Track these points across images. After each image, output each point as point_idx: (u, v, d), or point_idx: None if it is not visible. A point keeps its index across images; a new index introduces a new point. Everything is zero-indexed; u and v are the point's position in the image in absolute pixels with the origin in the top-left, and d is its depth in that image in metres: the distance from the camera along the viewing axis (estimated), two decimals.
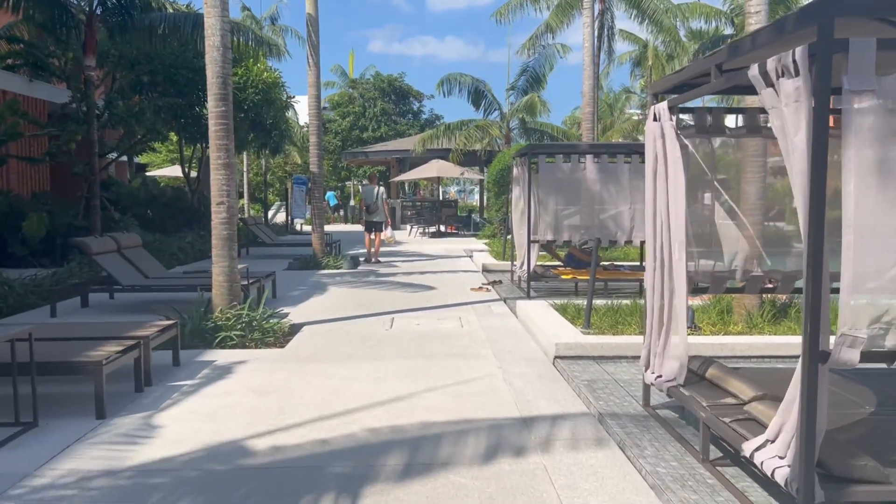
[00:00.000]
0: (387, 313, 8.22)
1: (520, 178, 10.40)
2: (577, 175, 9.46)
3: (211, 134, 6.85)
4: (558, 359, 5.84)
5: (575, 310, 7.40)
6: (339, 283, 11.07)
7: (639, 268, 10.79)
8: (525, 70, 23.90)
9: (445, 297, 9.63)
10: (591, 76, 13.68)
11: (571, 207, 9.50)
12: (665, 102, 4.26)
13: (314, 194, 13.74)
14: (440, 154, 26.31)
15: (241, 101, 16.58)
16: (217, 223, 6.93)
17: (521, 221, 10.22)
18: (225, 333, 6.45)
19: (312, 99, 13.50)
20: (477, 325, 7.49)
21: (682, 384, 4.09)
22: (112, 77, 16.24)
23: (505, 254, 13.44)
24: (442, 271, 12.92)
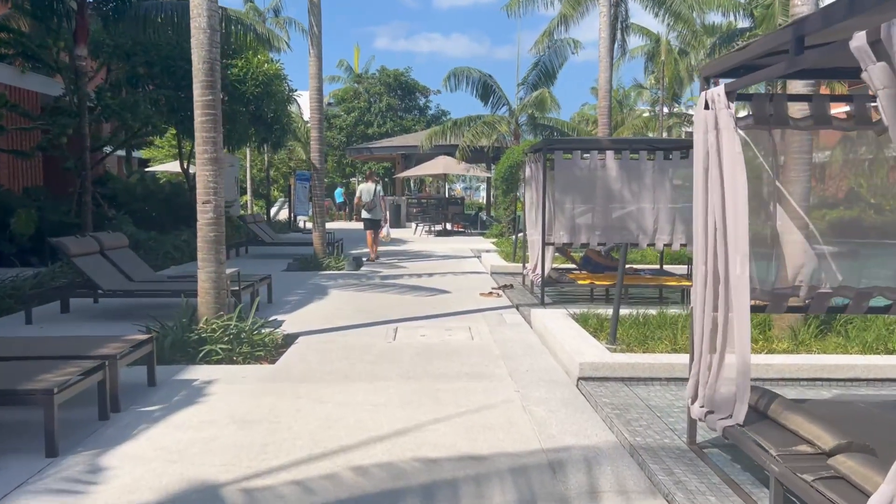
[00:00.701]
0: (389, 322, 7.56)
1: (533, 175, 9.72)
2: (596, 172, 8.77)
3: (197, 125, 6.20)
4: (583, 380, 5.17)
5: (597, 321, 6.72)
6: (340, 286, 10.41)
7: (660, 272, 10.10)
8: (537, 64, 23.15)
9: (453, 302, 8.97)
10: (606, 68, 12.98)
11: (590, 207, 8.82)
12: (721, 87, 3.57)
13: (315, 191, 13.09)
14: (446, 150, 25.63)
15: (241, 94, 15.96)
16: (203, 224, 6.27)
17: (535, 222, 9.54)
18: (210, 347, 5.79)
19: (313, 91, 12.84)
20: (489, 336, 6.82)
21: (742, 423, 3.42)
22: (107, 69, 15.61)
23: (515, 255, 12.76)
24: (449, 273, 12.25)
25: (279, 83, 16.93)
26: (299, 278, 11.33)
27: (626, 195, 8.79)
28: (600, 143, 9.49)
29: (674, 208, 8.80)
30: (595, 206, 8.85)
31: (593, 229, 8.83)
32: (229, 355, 5.82)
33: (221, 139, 6.26)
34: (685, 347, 5.76)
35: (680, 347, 5.74)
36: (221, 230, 6.33)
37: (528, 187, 10.39)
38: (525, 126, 24.03)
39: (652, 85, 37.94)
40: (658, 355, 5.46)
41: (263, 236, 14.91)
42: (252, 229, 14.97)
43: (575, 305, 8.56)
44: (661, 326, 6.43)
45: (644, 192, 8.78)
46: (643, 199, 8.79)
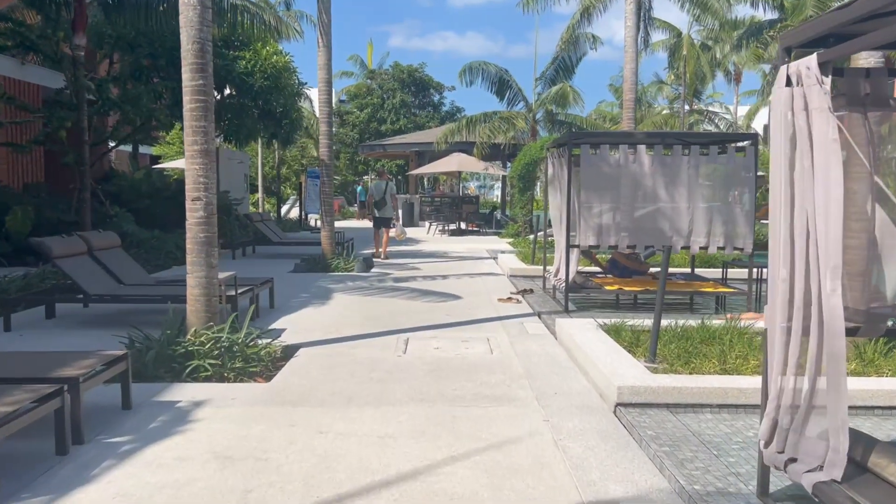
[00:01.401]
0: (400, 331, 6.89)
1: (556, 171, 9.02)
2: (626, 168, 8.05)
3: (186, 114, 5.56)
4: (621, 407, 4.47)
5: (632, 334, 6.01)
6: (349, 290, 9.76)
7: (692, 277, 9.37)
8: (555, 59, 22.42)
9: (469, 309, 8.29)
10: (632, 59, 12.23)
11: (618, 206, 8.10)
12: (813, 58, 2.87)
13: (324, 188, 12.45)
14: (461, 148, 24.95)
15: (249, 87, 15.36)
16: (192, 223, 5.63)
17: (559, 222, 8.84)
18: (197, 362, 5.15)
19: (322, 83, 12.19)
20: (510, 350, 6.13)
21: (840, 480, 2.72)
22: (109, 60, 15.07)
23: (534, 257, 12.06)
24: (464, 275, 11.58)
25: (289, 76, 16.33)
26: (306, 280, 10.70)
27: (659, 193, 8.08)
28: (631, 136, 8.77)
29: (710, 208, 8.07)
30: (624, 206, 8.14)
31: (622, 231, 8.12)
32: (219, 371, 5.18)
33: (213, 129, 5.62)
34: (737, 367, 5.05)
35: (731, 367, 5.04)
36: (213, 230, 5.68)
37: (550, 185, 9.69)
38: (542, 122, 23.31)
39: (672, 81, 37.03)
40: (707, 377, 4.75)
41: (271, 235, 14.30)
42: (259, 228, 14.37)
43: (601, 313, 7.87)
44: (705, 341, 5.73)
45: (678, 190, 8.05)
46: (677, 197, 8.07)
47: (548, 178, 9.77)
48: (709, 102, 41.00)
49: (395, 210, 14.23)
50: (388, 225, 14.17)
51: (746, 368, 5.03)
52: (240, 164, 21.82)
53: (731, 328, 6.09)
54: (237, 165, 21.70)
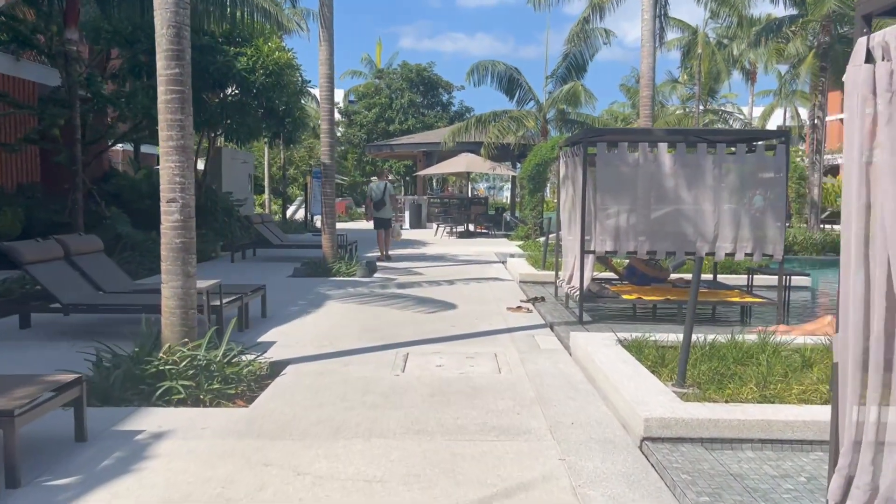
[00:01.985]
0: (400, 345, 6.32)
1: (570, 171, 8.43)
2: (646, 168, 7.45)
3: (160, 105, 5.01)
4: (649, 441, 3.88)
5: (656, 352, 5.40)
6: (348, 297, 9.20)
7: (715, 285, 8.75)
8: (566, 56, 21.79)
9: (476, 319, 7.70)
10: (649, 53, 11.61)
11: (638, 209, 7.50)
12: None
13: (325, 188, 11.90)
14: (470, 148, 24.37)
15: (250, 84, 14.82)
16: (167, 228, 5.08)
17: (572, 226, 8.24)
18: (169, 384, 4.59)
19: (324, 79, 11.65)
20: (520, 368, 5.54)
21: None
22: (105, 56, 14.59)
23: (545, 262, 11.45)
24: (472, 281, 10.99)
25: (291, 73, 15.77)
26: (304, 286, 10.14)
27: (681, 195, 7.47)
28: (651, 133, 8.15)
29: (737, 210, 7.46)
30: (644, 208, 7.53)
31: (642, 235, 7.51)
32: (194, 394, 4.62)
33: (190, 123, 5.06)
34: (779, 393, 4.44)
35: (772, 393, 4.42)
36: (191, 236, 5.12)
37: (562, 186, 9.09)
38: (553, 122, 22.69)
39: (686, 81, 36.29)
40: (747, 407, 4.14)
41: (271, 238, 13.76)
42: (259, 230, 13.83)
43: (618, 325, 7.28)
44: (739, 360, 5.12)
45: (702, 192, 7.44)
46: (701, 199, 7.45)
47: (560, 179, 9.18)
48: (722, 103, 40.24)
49: (395, 211, 14.13)
50: (387, 226, 13.99)
51: (789, 395, 4.42)
52: (243, 164, 21.36)
53: (765, 345, 5.48)
54: (241, 166, 21.24)
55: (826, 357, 5.20)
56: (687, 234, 7.51)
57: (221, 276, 11.50)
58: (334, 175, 12.06)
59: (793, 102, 39.83)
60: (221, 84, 14.82)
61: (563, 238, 9.15)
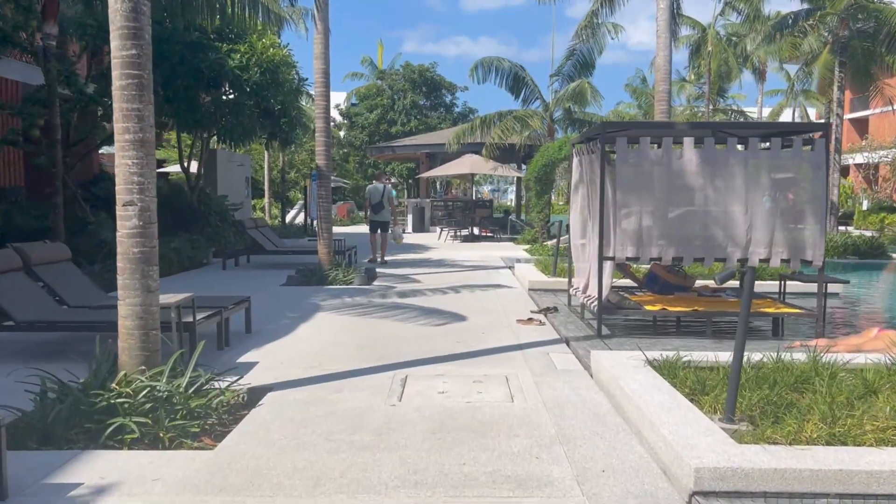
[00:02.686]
0: (398, 366, 5.59)
1: (584, 170, 7.69)
2: (671, 166, 6.71)
3: (115, 93, 4.29)
4: (700, 497, 3.14)
5: (694, 375, 4.66)
6: (344, 308, 8.47)
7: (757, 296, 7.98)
8: (572, 53, 21.04)
9: (483, 333, 6.98)
10: (665, 45, 10.87)
11: (662, 211, 6.77)
12: None
13: (321, 191, 11.19)
14: (474, 150, 23.65)
15: (244, 82, 14.13)
16: (124, 234, 4.36)
17: (588, 230, 7.51)
18: (121, 420, 3.87)
19: (319, 74, 10.95)
20: (535, 395, 4.80)
21: None
22: (90, 53, 13.92)
23: (556, 268, 10.72)
24: (477, 288, 10.26)
25: (287, 71, 15.08)
26: (297, 296, 9.42)
27: (710, 196, 6.73)
28: (676, 127, 7.41)
29: (772, 212, 6.72)
30: (669, 210, 6.80)
31: (666, 240, 6.77)
32: (151, 432, 3.90)
33: (151, 113, 4.34)
34: (851, 430, 3.68)
35: (842, 431, 3.67)
36: (152, 244, 4.40)
37: (575, 186, 8.36)
38: (560, 122, 21.94)
39: (693, 80, 35.52)
40: (818, 452, 3.39)
41: (265, 243, 13.04)
42: (252, 236, 13.11)
43: (640, 339, 6.58)
44: (792, 386, 4.38)
45: (733, 192, 6.70)
46: (732, 200, 6.72)
47: (572, 179, 8.44)
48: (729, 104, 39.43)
49: (393, 214, 14.25)
50: (385, 229, 13.88)
51: (863, 433, 3.67)
52: (240, 166, 20.68)
53: (819, 366, 4.75)
54: (237, 168, 20.55)
55: (892, 381, 4.47)
56: (716, 238, 6.77)
57: (210, 284, 10.92)
58: (330, 177, 11.35)
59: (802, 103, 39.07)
60: (214, 83, 14.13)
61: (575, 243, 8.42)
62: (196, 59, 13.73)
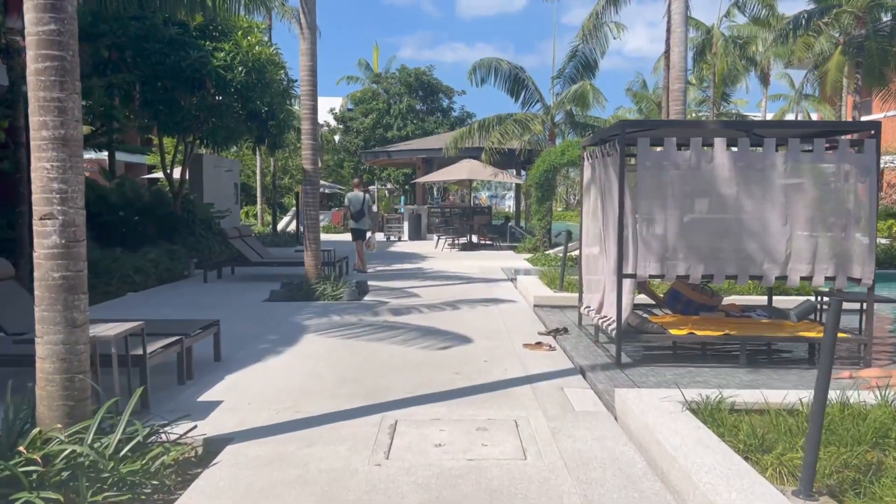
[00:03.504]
0: (387, 406, 4.74)
1: (599, 175, 6.86)
2: (700, 171, 5.88)
3: (29, 79, 3.44)
4: None
5: (744, 423, 3.81)
6: (329, 329, 7.61)
7: (777, 312, 7.16)
8: (574, 55, 20.26)
9: (486, 361, 6.12)
10: (681, 40, 10.05)
11: (691, 223, 5.94)
12: None
13: (307, 198, 10.34)
14: (473, 154, 22.82)
15: (228, 82, 13.30)
16: (42, 256, 3.50)
17: (602, 243, 6.67)
18: (27, 496, 3.01)
19: (305, 72, 10.12)
20: (553, 449, 3.94)
21: None
22: None
23: (563, 282, 9.87)
24: (477, 304, 9.41)
25: (275, 71, 14.26)
26: (278, 314, 8.56)
27: (744, 204, 5.90)
28: (706, 126, 6.58)
29: (815, 223, 5.89)
30: (698, 221, 5.97)
31: (695, 255, 5.94)
32: None
33: (77, 104, 3.49)
34: None
35: None
36: (77, 267, 3.54)
37: (586, 192, 7.54)
38: (561, 125, 21.14)
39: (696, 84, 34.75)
40: None
41: (249, 254, 12.17)
42: (235, 246, 12.24)
43: (663, 366, 5.80)
44: (866, 437, 3.54)
45: (771, 200, 5.88)
46: (769, 210, 5.89)
47: (583, 184, 7.61)
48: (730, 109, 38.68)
49: (372, 222, 14.28)
50: (363, 237, 13.80)
51: None
52: (228, 172, 19.83)
53: (888, 407, 3.93)
54: (225, 174, 19.71)
55: None
56: (751, 253, 5.93)
57: (184, 300, 9.99)
58: (318, 182, 10.50)
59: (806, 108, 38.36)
60: (196, 83, 13.29)
61: (586, 254, 7.59)
62: (177, 56, 12.91)
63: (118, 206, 15.47)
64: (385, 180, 36.37)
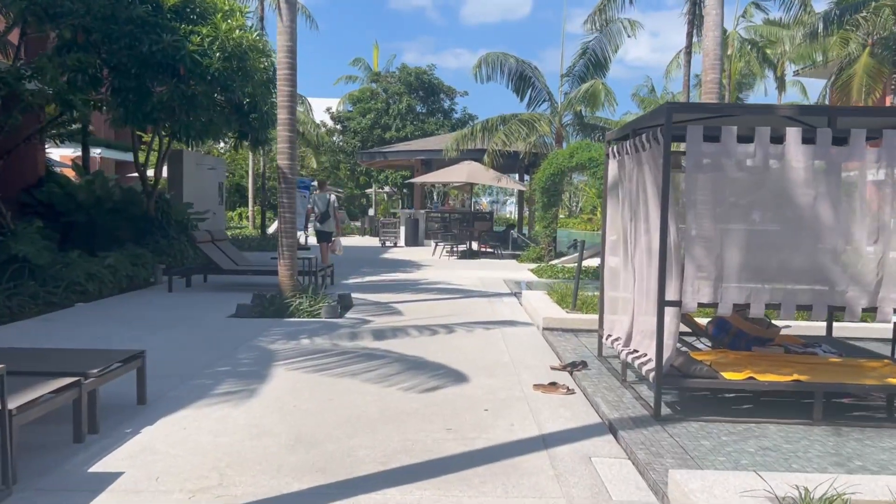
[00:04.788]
0: (345, 490, 3.39)
1: (630, 175, 5.52)
2: (768, 170, 4.55)
3: None
4: None
5: None
6: (295, 358, 6.25)
7: (846, 348, 5.81)
8: (585, 51, 18.98)
9: (486, 411, 4.77)
10: (716, 24, 8.72)
11: (754, 237, 4.60)
12: None
13: (282, 199, 9.00)
14: (474, 157, 21.49)
15: (204, 69, 11.95)
16: None
17: (633, 259, 5.32)
18: None
19: (283, 53, 8.80)
20: None
21: None
22: (21, 31, 11.75)
23: (576, 300, 8.52)
24: (476, 326, 8.06)
25: (257, 58, 12.89)
26: (240, 335, 7.20)
27: (824, 215, 4.56)
28: (777, 111, 5.22)
29: None
30: (763, 237, 4.63)
31: (759, 280, 4.60)
32: None
33: None
34: None
35: None
36: None
37: (611, 196, 6.20)
38: (570, 127, 19.80)
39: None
40: None
41: (220, 261, 10.81)
42: (205, 251, 10.88)
43: (714, 420, 4.44)
44: None
45: (859, 211, 4.54)
46: (857, 223, 4.55)
47: (607, 186, 6.28)
48: None
49: (337, 224, 13.78)
50: (328, 239, 13.36)
51: None
52: (211, 170, 18.47)
53: None
54: (208, 172, 18.34)
55: None
56: (832, 277, 4.59)
57: (136, 312, 8.29)
58: (295, 181, 9.15)
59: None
60: (169, 69, 11.95)
61: (609, 269, 6.25)
62: (147, 40, 11.58)
63: (87, 206, 14.16)
64: (383, 183, 35.01)
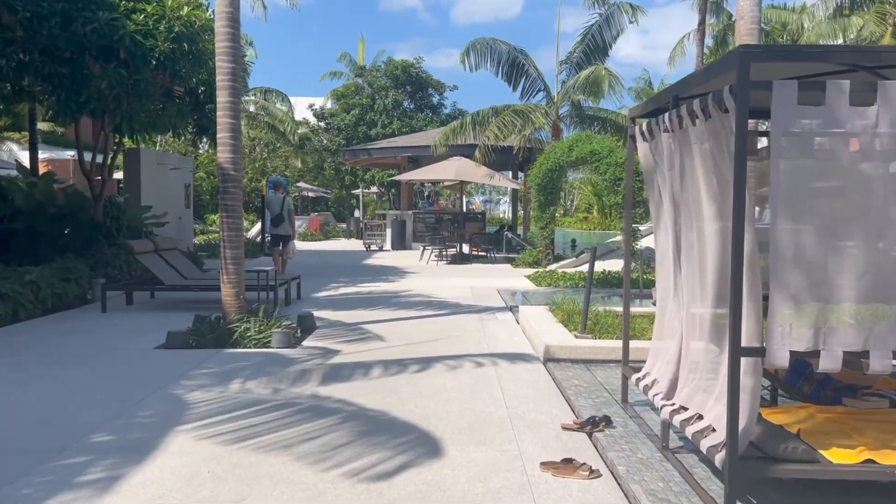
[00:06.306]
0: None
1: (665, 159, 3.91)
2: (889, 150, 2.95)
3: None
4: None
5: None
6: (215, 415, 4.61)
7: None
8: (585, 36, 17.40)
9: None
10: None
11: (877, 254, 3.00)
12: None
13: (226, 200, 7.36)
14: (464, 153, 19.88)
15: (147, 51, 10.30)
16: None
17: (691, 281, 3.72)
18: None
19: (222, 21, 7.19)
20: None
21: None
22: None
23: (586, 321, 6.89)
24: (464, 359, 6.43)
25: (211, 40, 11.24)
26: (159, 375, 5.55)
27: None
28: None
29: None
30: (890, 253, 3.03)
31: (885, 319, 2.99)
32: None
33: None
34: None
35: None
36: None
37: (651, 189, 4.63)
38: (567, 119, 18.18)
39: None
40: None
41: (163, 274, 9.14)
42: (144, 263, 9.21)
43: None
44: None
45: None
46: None
47: (645, 174, 4.67)
48: None
49: (292, 227, 13.05)
50: (286, 243, 12.80)
51: None
52: (174, 170, 16.75)
53: None
54: (171, 173, 16.63)
55: None
56: None
57: (41, 343, 6.27)
58: (241, 180, 7.52)
59: None
60: (107, 52, 10.32)
61: (660, 294, 4.64)
62: (81, 17, 9.95)
63: (28, 211, 12.50)
64: (368, 183, 33.31)
